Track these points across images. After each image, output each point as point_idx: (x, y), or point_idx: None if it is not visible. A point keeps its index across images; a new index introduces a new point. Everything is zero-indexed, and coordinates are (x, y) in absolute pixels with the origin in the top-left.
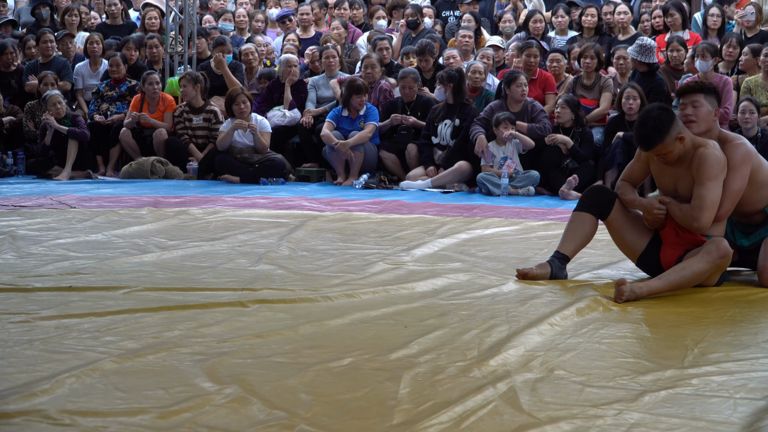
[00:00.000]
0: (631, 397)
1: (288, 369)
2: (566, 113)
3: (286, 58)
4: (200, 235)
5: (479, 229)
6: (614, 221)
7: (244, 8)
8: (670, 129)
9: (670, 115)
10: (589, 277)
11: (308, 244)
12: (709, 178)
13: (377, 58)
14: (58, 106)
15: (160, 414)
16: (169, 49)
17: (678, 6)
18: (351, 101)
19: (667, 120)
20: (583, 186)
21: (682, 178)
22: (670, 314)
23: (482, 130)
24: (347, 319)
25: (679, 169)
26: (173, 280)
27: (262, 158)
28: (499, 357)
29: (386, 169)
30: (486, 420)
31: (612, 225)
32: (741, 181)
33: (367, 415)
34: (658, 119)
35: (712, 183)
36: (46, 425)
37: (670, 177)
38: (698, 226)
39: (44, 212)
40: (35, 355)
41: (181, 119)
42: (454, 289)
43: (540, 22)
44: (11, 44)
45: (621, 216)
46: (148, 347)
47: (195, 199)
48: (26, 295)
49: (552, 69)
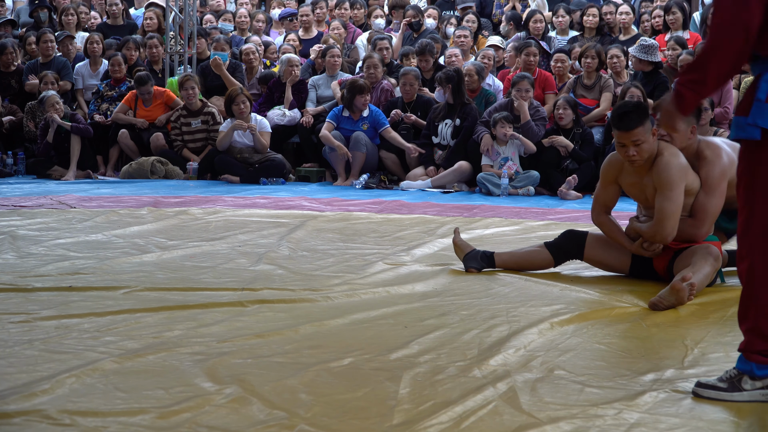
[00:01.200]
0: (631, 397)
1: (288, 369)
2: (568, 114)
3: (288, 58)
4: (200, 235)
5: (479, 229)
6: (590, 257)
7: (245, 8)
8: (649, 117)
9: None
10: (590, 276)
11: (308, 244)
12: (670, 188)
13: (379, 58)
14: (56, 107)
15: (160, 414)
16: (169, 49)
17: (680, 5)
18: (354, 102)
19: (646, 110)
20: (583, 186)
21: (648, 185)
22: (670, 314)
23: (487, 130)
24: (347, 319)
25: (646, 178)
26: (173, 280)
27: (262, 158)
28: (499, 357)
29: (386, 169)
30: (486, 420)
31: (590, 260)
32: (719, 199)
33: (367, 415)
34: (639, 105)
35: (672, 192)
36: (46, 425)
37: (638, 189)
38: (662, 238)
39: (44, 212)
40: (35, 355)
41: (178, 124)
42: (454, 289)
43: (540, 22)
44: (11, 44)
45: (595, 249)
46: (148, 347)
47: (195, 199)
48: (26, 295)
49: (556, 69)
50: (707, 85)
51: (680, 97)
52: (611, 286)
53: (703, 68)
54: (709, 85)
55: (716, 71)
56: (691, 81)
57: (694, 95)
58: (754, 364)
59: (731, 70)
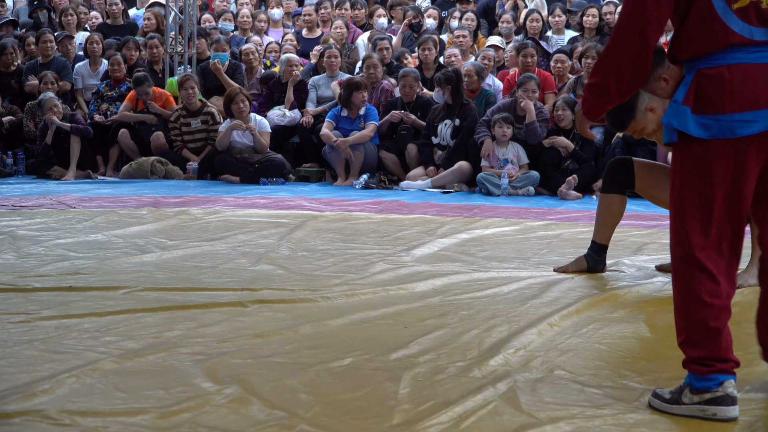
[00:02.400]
0: (631, 397)
1: (288, 369)
2: (568, 115)
3: (287, 58)
4: (200, 235)
5: (479, 229)
6: (641, 188)
7: (247, 8)
8: (638, 103)
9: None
10: (590, 276)
11: (308, 244)
12: None
13: (379, 58)
14: (54, 109)
15: (160, 414)
16: (169, 49)
17: None
18: (352, 98)
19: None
20: (583, 186)
21: None
22: (670, 314)
23: (488, 133)
24: (347, 319)
25: None
26: (173, 280)
27: (262, 158)
28: (499, 357)
29: (386, 169)
30: (486, 420)
31: (642, 192)
32: None
33: (367, 415)
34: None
35: None
36: (46, 425)
37: None
38: None
39: (44, 212)
40: (35, 355)
41: (177, 125)
42: (454, 289)
43: (537, 21)
44: (11, 44)
45: (645, 180)
46: (148, 347)
47: (195, 199)
48: (26, 295)
49: (556, 70)
50: (609, 89)
51: (584, 102)
52: (611, 287)
53: (602, 72)
54: (611, 89)
55: (615, 76)
56: (592, 85)
57: (597, 100)
58: (693, 375)
59: (633, 74)
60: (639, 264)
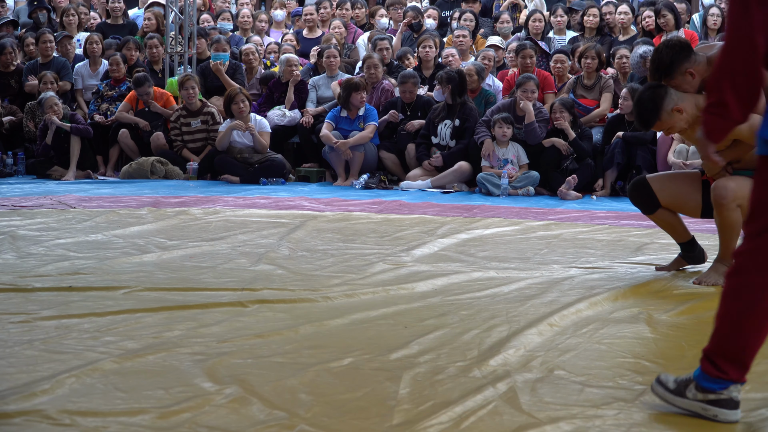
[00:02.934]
0: (631, 397)
1: (288, 369)
2: (566, 116)
3: (287, 58)
4: (200, 235)
5: (479, 229)
6: (666, 202)
7: (248, 8)
8: (664, 104)
9: (662, 91)
10: (589, 276)
11: (308, 244)
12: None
13: (379, 58)
14: (54, 108)
15: (160, 414)
16: (169, 50)
17: (669, 6)
18: (351, 99)
19: (659, 96)
20: (583, 186)
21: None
22: (670, 314)
23: (488, 133)
24: (347, 319)
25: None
26: (173, 280)
27: (262, 158)
28: (499, 357)
29: (386, 169)
30: (486, 420)
31: (668, 205)
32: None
33: (367, 415)
34: (650, 98)
35: None
36: (46, 425)
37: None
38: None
39: (44, 212)
40: (35, 355)
41: (177, 125)
42: (454, 289)
43: (540, 22)
44: (11, 44)
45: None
46: (148, 347)
47: (195, 199)
48: (26, 295)
49: (555, 70)
50: (729, 106)
51: (705, 124)
52: (611, 287)
53: (718, 90)
54: (731, 105)
55: (732, 90)
56: (711, 105)
57: (718, 119)
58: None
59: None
60: (639, 264)
